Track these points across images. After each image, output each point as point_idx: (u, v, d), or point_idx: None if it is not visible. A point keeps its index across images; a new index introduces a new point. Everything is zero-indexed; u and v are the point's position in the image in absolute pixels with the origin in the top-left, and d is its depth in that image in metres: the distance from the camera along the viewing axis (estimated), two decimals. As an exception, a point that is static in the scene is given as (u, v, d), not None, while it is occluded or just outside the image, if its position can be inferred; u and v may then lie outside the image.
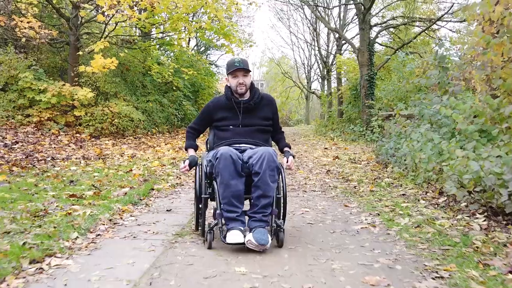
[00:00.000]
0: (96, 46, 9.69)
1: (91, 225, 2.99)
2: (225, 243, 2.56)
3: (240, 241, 2.54)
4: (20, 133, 9.63)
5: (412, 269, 2.30)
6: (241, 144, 2.92)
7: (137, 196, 4.09)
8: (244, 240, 2.55)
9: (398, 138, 6.10)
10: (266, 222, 2.69)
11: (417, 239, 2.84)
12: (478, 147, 4.02)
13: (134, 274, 2.18)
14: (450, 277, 2.14)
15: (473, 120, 4.45)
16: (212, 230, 2.64)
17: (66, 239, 2.65)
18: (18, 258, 2.24)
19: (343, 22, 20.55)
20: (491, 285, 2.02)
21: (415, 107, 6.06)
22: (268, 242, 2.54)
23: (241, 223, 2.67)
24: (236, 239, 2.55)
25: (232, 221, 2.65)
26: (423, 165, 4.59)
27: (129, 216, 3.43)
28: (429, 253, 2.56)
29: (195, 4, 11.26)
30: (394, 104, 10.81)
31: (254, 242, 2.51)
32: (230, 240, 2.55)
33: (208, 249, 2.61)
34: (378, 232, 3.08)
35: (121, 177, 5.29)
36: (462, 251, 2.53)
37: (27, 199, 3.86)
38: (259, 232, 2.55)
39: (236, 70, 2.94)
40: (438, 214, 3.45)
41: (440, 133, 5.18)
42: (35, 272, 2.16)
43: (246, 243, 2.54)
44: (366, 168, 6.55)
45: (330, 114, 20.92)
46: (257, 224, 2.63)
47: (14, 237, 2.62)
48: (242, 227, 2.65)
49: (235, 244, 2.55)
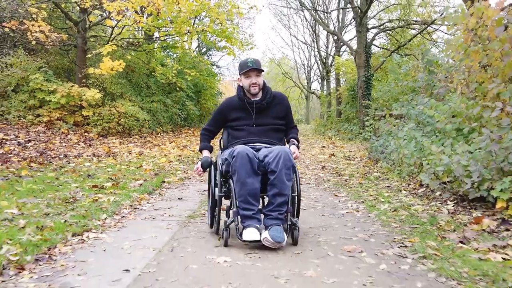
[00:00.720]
0: (105, 49, 10.19)
1: (116, 209, 3.52)
2: (241, 240, 2.61)
3: (257, 238, 2.58)
4: (32, 132, 10.11)
5: (383, 241, 2.83)
6: (256, 143, 2.95)
7: (151, 187, 4.62)
8: (260, 237, 2.59)
9: (387, 136, 6.61)
10: (282, 220, 2.70)
11: (392, 220, 3.36)
12: (454, 143, 4.53)
13: (158, 244, 2.71)
14: (412, 246, 2.66)
15: (451, 119, 4.95)
16: (228, 228, 2.69)
17: (97, 219, 3.18)
18: (63, 231, 2.76)
19: (341, 24, 21.05)
20: (443, 251, 2.54)
21: (404, 107, 6.57)
22: (284, 239, 2.58)
23: (257, 221, 2.70)
24: (253, 236, 2.58)
25: (248, 218, 2.68)
26: (407, 160, 5.11)
27: (146, 203, 3.96)
28: (400, 230, 3.08)
29: (198, 9, 11.78)
30: (390, 105, 11.30)
31: (270, 240, 2.55)
32: (246, 238, 2.59)
33: (224, 246, 2.65)
34: (360, 215, 3.60)
35: (133, 171, 5.82)
36: (427, 229, 3.04)
37: (54, 189, 4.37)
38: (275, 230, 2.59)
39: (249, 70, 2.96)
40: (414, 202, 3.97)
41: (425, 131, 5.69)
42: (78, 242, 2.69)
43: (262, 241, 2.58)
44: (359, 164, 7.07)
45: (329, 114, 21.44)
46: (273, 222, 2.66)
47: (54, 217, 3.14)
48: (258, 225, 2.68)
49: (251, 241, 2.59)
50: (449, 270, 2.21)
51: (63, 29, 12.19)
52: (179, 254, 2.53)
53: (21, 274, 2.11)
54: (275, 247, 2.57)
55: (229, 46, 14.12)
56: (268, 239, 2.55)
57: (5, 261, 2.18)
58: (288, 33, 42.23)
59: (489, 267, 2.21)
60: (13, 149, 7.99)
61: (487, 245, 2.62)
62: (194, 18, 16.64)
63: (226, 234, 2.67)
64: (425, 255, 2.48)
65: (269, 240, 2.55)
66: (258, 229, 2.65)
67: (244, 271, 2.22)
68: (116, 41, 11.85)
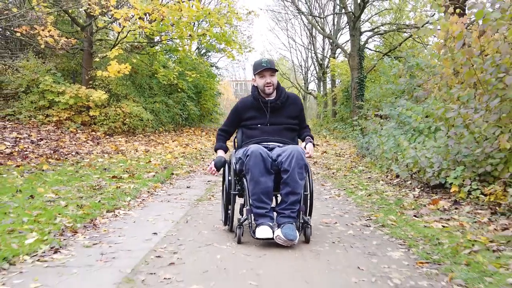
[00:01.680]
0: (111, 53, 10.86)
1: (136, 194, 4.23)
2: (255, 238, 2.64)
3: (269, 236, 2.61)
4: (43, 131, 10.76)
5: (354, 216, 3.54)
6: (269, 143, 2.98)
7: (162, 178, 5.33)
8: (273, 235, 2.62)
9: (372, 135, 7.32)
10: (294, 218, 2.74)
11: (365, 202, 4.07)
12: (425, 140, 5.25)
13: (175, 218, 3.41)
14: (376, 219, 3.37)
15: (425, 119, 5.67)
16: (241, 225, 2.75)
17: (123, 200, 3.88)
18: (99, 208, 3.46)
19: (337, 27, 21.77)
20: (399, 222, 3.25)
21: (387, 108, 7.28)
22: (296, 237, 2.61)
23: (270, 219, 2.74)
24: (265, 234, 2.61)
25: (261, 216, 2.72)
26: (386, 155, 5.83)
27: (160, 190, 4.66)
28: (369, 209, 3.79)
29: (199, 14, 12.46)
30: (381, 105, 12.01)
31: (282, 238, 2.58)
32: (259, 235, 2.62)
33: (238, 243, 2.71)
34: (340, 199, 4.32)
35: (144, 166, 6.51)
36: (392, 208, 3.75)
37: (78, 180, 5.06)
38: (287, 228, 2.62)
39: (263, 70, 3.00)
40: (388, 189, 4.68)
41: (404, 130, 6.41)
42: (112, 216, 3.39)
43: (275, 238, 2.62)
44: (347, 160, 7.78)
45: (326, 113, 22.16)
46: (285, 220, 2.69)
47: (87, 199, 3.84)
48: (271, 223, 2.71)
49: (264, 239, 2.63)
50: (400, 234, 2.93)
51: (70, 33, 12.84)
52: (192, 224, 3.23)
53: (76, 235, 2.81)
54: (287, 244, 2.62)
55: (229, 50, 14.79)
56: (280, 237, 2.59)
57: (63, 227, 2.88)
58: (286, 35, 42.85)
59: (430, 232, 2.92)
60: (27, 146, 8.64)
61: (435, 218, 3.33)
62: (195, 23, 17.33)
63: (240, 232, 2.73)
64: (384, 224, 3.20)
65: (282, 238, 2.59)
66: (271, 227, 2.69)
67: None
68: (120, 45, 12.52)
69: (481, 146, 3.86)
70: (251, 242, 2.72)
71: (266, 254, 2.49)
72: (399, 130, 6.31)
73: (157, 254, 2.47)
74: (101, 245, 2.61)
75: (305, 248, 2.64)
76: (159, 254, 2.46)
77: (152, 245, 2.64)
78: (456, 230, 2.96)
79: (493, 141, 3.78)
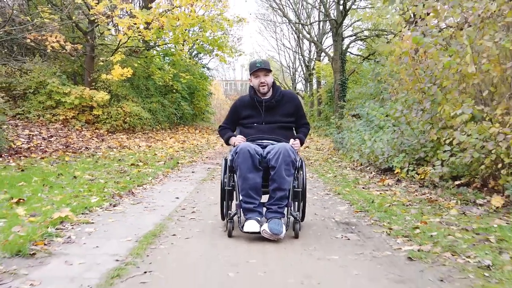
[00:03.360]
0: (115, 58, 11.96)
1: (154, 175, 5.43)
2: (242, 231, 2.74)
3: (256, 230, 2.69)
4: (51, 129, 11.78)
5: (320, 189, 4.80)
6: (264, 140, 3.06)
7: (171, 165, 6.51)
8: (260, 229, 2.70)
9: (346, 131, 8.61)
10: (282, 213, 2.80)
11: (330, 181, 5.34)
12: (382, 135, 6.52)
13: (188, 190, 4.64)
14: (335, 190, 4.63)
15: (385, 118, 6.93)
16: (232, 220, 2.82)
17: (146, 180, 5.07)
18: (132, 183, 4.65)
19: (322, 31, 23.11)
20: (351, 191, 4.50)
21: (358, 109, 8.58)
22: (281, 232, 2.67)
23: (258, 214, 2.81)
24: (253, 228, 2.70)
25: (250, 211, 2.80)
26: (353, 147, 7.10)
27: (172, 174, 5.88)
28: (333, 185, 5.06)
29: (194, 22, 13.61)
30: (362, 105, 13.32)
31: (268, 232, 2.66)
32: (247, 229, 2.71)
33: (228, 237, 2.79)
34: (313, 180, 5.58)
35: (151, 157, 7.68)
36: (349, 184, 5.02)
37: (102, 167, 6.20)
38: (274, 222, 2.69)
39: (257, 70, 3.09)
40: (350, 173, 5.97)
41: (370, 127, 7.68)
42: (141, 189, 4.59)
43: (261, 232, 2.69)
44: (325, 153, 9.07)
45: (312, 113, 23.48)
46: (272, 215, 2.77)
47: (119, 179, 5.01)
48: (259, 218, 2.79)
49: (251, 232, 2.71)
50: (348, 198, 4.19)
51: (71, 38, 13.83)
52: (202, 193, 4.46)
53: (122, 199, 4.01)
54: (273, 238, 2.68)
55: (221, 54, 15.99)
56: (266, 231, 2.67)
57: (112, 193, 4.07)
58: (274, 39, 44.18)
59: (370, 197, 4.19)
60: (40, 143, 9.69)
61: (378, 189, 4.60)
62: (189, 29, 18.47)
63: (230, 225, 2.81)
64: (339, 193, 4.46)
65: (268, 232, 2.66)
66: (259, 221, 2.77)
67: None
68: (121, 49, 13.61)
69: (417, 138, 5.14)
70: (242, 235, 2.82)
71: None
72: (367, 127, 7.59)
73: (182, 207, 3.70)
74: (143, 204, 3.83)
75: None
76: (183, 208, 3.69)
77: (177, 203, 3.87)
78: (389, 196, 4.23)
79: (426, 134, 5.06)
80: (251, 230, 2.71)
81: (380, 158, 5.51)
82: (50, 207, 3.35)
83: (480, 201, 3.73)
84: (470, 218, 3.24)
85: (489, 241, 2.61)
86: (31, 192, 3.96)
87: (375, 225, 3.15)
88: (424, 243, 2.62)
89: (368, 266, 2.28)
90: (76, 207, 3.34)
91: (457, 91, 4.49)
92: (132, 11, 11.55)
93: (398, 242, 2.70)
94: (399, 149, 5.35)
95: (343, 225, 3.21)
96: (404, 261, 2.37)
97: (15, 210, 3.20)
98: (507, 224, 3.04)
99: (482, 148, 3.76)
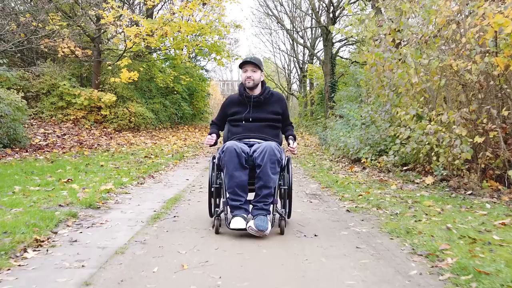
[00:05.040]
0: (122, 63, 13.12)
1: (166, 165, 6.62)
2: (229, 228, 2.79)
3: (242, 226, 2.75)
4: (63, 128, 12.88)
5: (300, 174, 6.01)
6: (251, 139, 3.10)
7: (178, 158, 7.71)
8: (246, 226, 2.75)
9: (329, 129, 9.84)
10: (267, 210, 2.86)
11: (310, 169, 6.56)
12: (354, 132, 7.74)
13: (195, 174, 5.85)
14: (312, 176, 5.84)
15: (359, 118, 8.14)
16: (219, 217, 2.90)
17: (160, 167, 6.27)
18: (150, 169, 5.85)
19: (315, 35, 24.36)
20: (323, 175, 5.71)
21: (339, 110, 9.80)
22: (266, 228, 2.73)
23: (244, 211, 2.86)
24: (239, 225, 2.75)
25: (236, 208, 2.85)
26: (333, 143, 8.32)
27: (179, 164, 7.08)
28: (312, 172, 6.27)
29: (194, 29, 14.81)
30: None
31: (254, 228, 2.71)
32: (233, 226, 2.76)
33: (216, 233, 2.85)
34: (296, 169, 6.79)
35: (159, 152, 8.86)
36: (324, 171, 6.23)
37: (119, 159, 7.37)
38: (259, 219, 2.75)
39: (245, 64, 3.14)
40: (328, 163, 7.18)
41: (349, 125, 8.90)
42: (158, 174, 5.78)
43: (247, 229, 2.74)
44: (311, 148, 10.29)
45: (305, 113, 24.72)
46: (258, 212, 2.82)
47: (138, 167, 6.19)
48: (245, 215, 2.84)
49: (237, 229, 2.76)
50: (319, 179, 5.42)
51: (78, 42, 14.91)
52: (205, 177, 5.60)
53: (145, 180, 5.20)
54: (258, 235, 2.74)
55: (218, 58, 17.18)
56: (252, 228, 2.73)
57: (137, 175, 5.26)
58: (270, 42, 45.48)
59: (336, 178, 5.40)
60: (56, 140, 10.82)
61: (344, 174, 5.81)
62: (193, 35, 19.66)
63: (217, 223, 2.89)
64: (314, 176, 5.68)
65: (253, 228, 2.72)
66: (245, 218, 2.82)
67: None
68: (126, 54, 14.76)
69: (379, 134, 6.36)
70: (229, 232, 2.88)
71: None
72: (345, 125, 8.80)
73: (192, 185, 4.91)
74: (162, 183, 5.04)
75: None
76: (193, 185, 4.91)
77: (188, 183, 5.08)
78: (351, 177, 5.45)
79: (386, 131, 6.28)
80: (237, 227, 2.77)
81: (351, 151, 6.73)
82: (94, 184, 4.54)
83: (417, 181, 4.96)
84: (404, 191, 4.46)
85: (407, 202, 3.83)
86: (72, 176, 5.13)
87: (332, 195, 4.38)
88: (361, 203, 3.84)
89: (319, 215, 3.51)
90: (114, 184, 4.54)
91: (406, 96, 5.72)
92: (138, 21, 12.72)
93: (344, 203, 3.92)
94: (366, 143, 6.56)
95: (311, 195, 4.43)
96: (344, 212, 3.59)
97: (70, 186, 4.39)
98: (429, 194, 4.26)
99: (421, 141, 4.98)
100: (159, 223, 3.14)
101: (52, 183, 4.56)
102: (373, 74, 7.62)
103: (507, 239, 2.59)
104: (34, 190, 4.12)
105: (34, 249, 2.40)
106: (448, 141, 4.45)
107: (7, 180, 4.64)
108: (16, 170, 5.41)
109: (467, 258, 2.21)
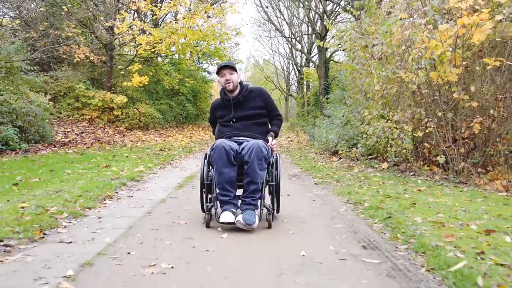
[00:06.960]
0: (133, 68, 14.54)
1: (178, 156, 8.06)
2: (219, 222, 2.93)
3: (231, 220, 2.90)
4: (80, 127, 14.20)
5: (288, 164, 7.44)
6: (239, 137, 3.22)
7: (188, 151, 9.16)
8: (234, 220, 2.90)
9: (317, 128, 11.27)
10: (255, 205, 2.99)
11: (298, 159, 8.00)
12: (334, 129, 9.18)
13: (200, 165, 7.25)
14: (296, 163, 7.28)
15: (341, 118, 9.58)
16: (209, 211, 3.06)
17: (174, 158, 7.71)
18: (166, 159, 7.30)
19: (311, 41, 25.82)
20: (309, 166, 7.15)
21: (327, 110, 11.24)
22: (254, 222, 2.88)
23: (233, 206, 3.00)
24: (228, 219, 2.90)
25: (225, 203, 2.99)
26: (318, 138, 9.76)
27: (190, 156, 8.53)
28: (299, 161, 7.71)
29: (199, 37, 16.25)
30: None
31: (242, 222, 2.86)
32: (222, 220, 2.91)
33: (206, 227, 3.01)
34: (285, 158, 8.22)
35: (170, 147, 10.29)
36: (308, 160, 7.67)
37: (138, 152, 8.79)
38: (247, 213, 2.90)
39: (222, 69, 3.29)
40: (313, 156, 8.61)
41: (334, 124, 10.33)
42: (173, 162, 7.22)
43: (236, 223, 2.89)
44: (303, 145, 11.73)
45: (303, 113, 26.15)
46: (246, 207, 2.96)
47: (157, 158, 7.63)
48: (234, 209, 2.99)
49: (226, 223, 2.92)
50: (302, 166, 6.88)
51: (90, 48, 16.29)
52: (212, 164, 7.12)
53: (165, 166, 6.64)
54: (246, 228, 2.88)
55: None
56: (240, 222, 2.86)
57: (158, 162, 6.71)
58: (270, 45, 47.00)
59: (315, 165, 6.85)
60: (75, 137, 12.16)
61: (323, 162, 7.25)
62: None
63: (208, 217, 3.03)
64: (298, 164, 7.11)
65: (241, 222, 2.86)
66: (234, 213, 2.95)
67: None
68: (136, 59, 16.17)
69: (353, 131, 7.78)
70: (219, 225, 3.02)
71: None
72: (331, 124, 10.22)
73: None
74: (178, 168, 6.49)
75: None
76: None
77: (199, 168, 6.50)
78: (327, 164, 6.88)
79: (357, 128, 7.69)
80: (226, 221, 2.89)
81: (331, 145, 8.17)
82: (128, 167, 5.97)
83: (376, 166, 6.40)
84: (363, 173, 5.89)
85: (360, 179, 5.27)
86: (106, 164, 6.55)
87: (308, 176, 5.83)
88: (326, 179, 5.28)
89: (294, 186, 4.96)
90: (144, 167, 5.98)
91: (373, 100, 7.15)
92: (149, 30, 14.17)
93: (315, 180, 5.37)
94: (343, 138, 8.00)
95: (292, 176, 5.88)
96: (312, 184, 5.05)
97: (110, 169, 5.82)
98: (381, 174, 5.70)
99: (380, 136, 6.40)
100: (182, 189, 4.60)
101: (95, 168, 5.98)
102: (351, 81, 9.01)
103: (413, 197, 4.03)
104: (83, 172, 5.54)
105: (109, 199, 3.84)
106: (397, 135, 5.89)
107: (55, 167, 6.06)
108: (55, 160, 6.82)
109: (377, 203, 3.65)
